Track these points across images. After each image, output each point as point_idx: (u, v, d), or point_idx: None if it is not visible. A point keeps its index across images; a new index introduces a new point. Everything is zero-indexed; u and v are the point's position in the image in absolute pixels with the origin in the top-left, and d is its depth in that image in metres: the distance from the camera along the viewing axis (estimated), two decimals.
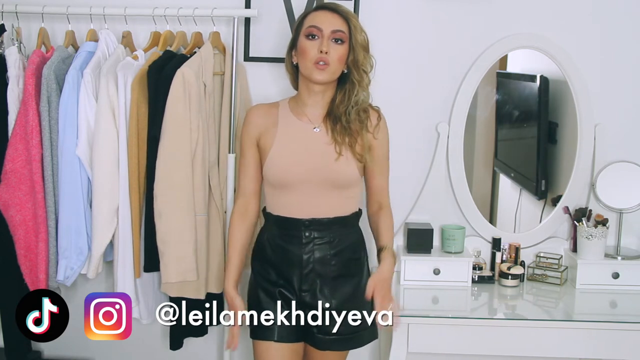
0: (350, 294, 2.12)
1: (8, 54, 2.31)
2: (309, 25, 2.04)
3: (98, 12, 2.39)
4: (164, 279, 2.26)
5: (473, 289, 2.50)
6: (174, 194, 2.24)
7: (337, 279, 2.10)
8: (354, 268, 2.15)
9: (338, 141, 2.06)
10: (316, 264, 2.08)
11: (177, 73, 2.22)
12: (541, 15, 2.54)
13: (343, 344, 2.12)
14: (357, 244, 2.18)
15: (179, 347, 2.49)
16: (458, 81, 2.57)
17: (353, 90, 2.07)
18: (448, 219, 2.62)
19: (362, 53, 2.06)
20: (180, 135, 2.24)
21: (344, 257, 2.12)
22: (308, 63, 2.02)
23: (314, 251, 2.08)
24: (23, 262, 2.31)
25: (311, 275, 2.08)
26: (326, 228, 2.07)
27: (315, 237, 2.08)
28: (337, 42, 2.02)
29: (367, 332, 2.15)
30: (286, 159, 2.06)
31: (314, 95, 2.09)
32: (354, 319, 2.10)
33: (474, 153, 2.64)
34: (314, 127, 2.09)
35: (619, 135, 2.59)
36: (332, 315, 2.08)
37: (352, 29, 2.04)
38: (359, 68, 2.06)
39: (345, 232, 2.12)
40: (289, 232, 2.08)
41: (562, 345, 2.27)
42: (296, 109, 2.12)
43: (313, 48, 2.01)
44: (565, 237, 2.65)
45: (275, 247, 2.11)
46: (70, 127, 2.27)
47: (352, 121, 2.07)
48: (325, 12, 2.06)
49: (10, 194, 2.28)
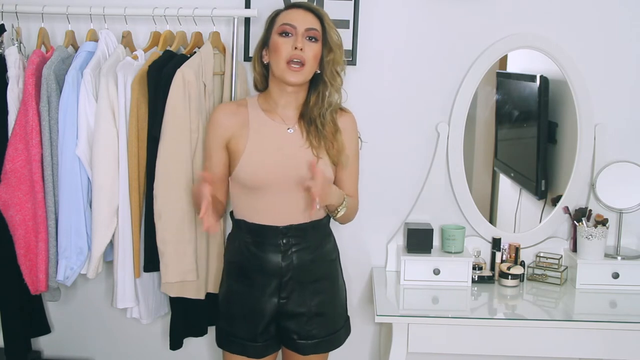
0: (328, 296, 2.12)
1: (8, 54, 2.31)
2: (282, 23, 2.00)
3: (98, 12, 2.39)
4: (164, 279, 2.26)
5: (473, 289, 2.50)
6: (174, 194, 2.24)
7: (315, 283, 2.09)
8: (329, 270, 2.15)
9: (314, 144, 2.03)
10: (295, 270, 2.06)
11: (177, 73, 2.22)
12: (541, 15, 2.54)
13: (325, 346, 2.12)
14: (332, 245, 2.18)
15: (178, 347, 2.49)
16: (458, 81, 2.57)
17: (326, 91, 2.04)
18: (448, 219, 2.62)
19: (337, 52, 2.03)
20: (180, 135, 2.24)
21: (321, 260, 2.11)
22: (281, 62, 1.97)
23: (293, 258, 2.06)
24: (23, 262, 2.31)
25: (290, 282, 2.06)
26: (303, 234, 2.04)
27: (293, 243, 2.05)
28: (312, 40, 1.99)
29: (343, 330, 2.17)
30: (260, 161, 2.02)
31: (287, 95, 2.05)
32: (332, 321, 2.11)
33: (474, 153, 2.64)
34: (288, 128, 2.05)
35: (619, 135, 2.59)
36: (312, 320, 2.08)
37: (327, 28, 2.02)
38: (333, 68, 2.03)
39: (320, 236, 2.11)
40: (265, 240, 2.05)
41: (562, 345, 2.27)
42: (267, 107, 2.08)
43: (287, 45, 1.97)
44: (565, 237, 2.65)
45: (249, 255, 2.07)
46: (70, 127, 2.26)
47: (326, 124, 2.05)
48: (298, 11, 2.02)
49: (10, 194, 2.28)
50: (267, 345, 2.10)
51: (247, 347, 2.08)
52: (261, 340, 2.08)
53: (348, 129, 2.13)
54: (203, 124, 2.31)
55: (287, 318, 2.08)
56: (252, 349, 2.08)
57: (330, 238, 2.19)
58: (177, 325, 2.47)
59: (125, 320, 2.65)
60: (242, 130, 2.05)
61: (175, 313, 2.47)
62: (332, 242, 2.19)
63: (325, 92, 2.05)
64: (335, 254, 2.20)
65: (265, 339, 2.09)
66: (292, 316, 2.07)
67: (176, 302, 2.42)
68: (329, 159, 2.06)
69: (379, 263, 2.68)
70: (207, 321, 2.56)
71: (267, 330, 2.08)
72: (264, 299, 2.06)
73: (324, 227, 2.13)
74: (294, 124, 2.07)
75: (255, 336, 2.07)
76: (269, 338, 2.10)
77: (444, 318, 2.26)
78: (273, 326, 2.09)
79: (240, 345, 2.09)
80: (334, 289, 2.16)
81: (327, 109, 2.05)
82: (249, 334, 2.07)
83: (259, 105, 2.10)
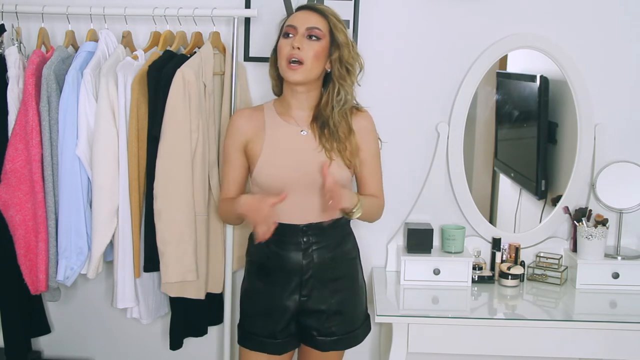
0: (348, 294, 2.13)
1: (8, 54, 2.31)
2: (286, 25, 2.04)
3: (98, 12, 2.39)
4: (164, 279, 2.26)
5: (473, 289, 2.50)
6: (174, 194, 2.24)
7: (335, 281, 2.10)
8: (349, 268, 2.16)
9: (327, 148, 2.04)
10: (315, 268, 2.07)
11: (177, 73, 2.22)
12: (541, 15, 2.54)
13: (344, 344, 2.14)
14: (352, 245, 2.19)
15: (178, 347, 2.49)
16: (458, 81, 2.57)
17: (334, 89, 2.04)
18: (448, 219, 2.62)
19: (345, 49, 2.03)
20: (180, 135, 2.24)
21: (341, 259, 2.12)
22: (282, 62, 2.01)
23: (313, 256, 2.07)
24: (23, 262, 2.31)
25: (311, 281, 2.08)
26: (323, 232, 2.06)
27: (313, 242, 2.07)
28: (312, 38, 2.00)
29: (362, 329, 2.18)
30: (277, 163, 2.04)
31: (298, 95, 2.07)
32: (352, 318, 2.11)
33: (474, 153, 2.64)
34: (301, 130, 2.07)
35: (619, 135, 2.59)
36: (332, 317, 2.09)
37: (332, 27, 2.02)
38: (343, 65, 2.03)
39: (340, 234, 2.12)
40: (285, 239, 2.06)
41: (562, 345, 2.27)
42: (282, 110, 2.10)
43: (287, 46, 2.00)
44: (565, 237, 2.65)
45: (270, 254, 2.09)
46: (70, 127, 2.26)
47: (338, 125, 2.05)
48: (302, 12, 2.06)
49: (10, 194, 2.28)
50: (286, 342, 2.11)
51: (267, 344, 2.09)
52: (281, 337, 2.09)
53: (363, 128, 2.12)
54: (203, 124, 2.31)
55: (307, 315, 2.09)
56: (271, 346, 2.09)
57: (351, 237, 2.20)
58: (177, 325, 2.47)
59: (125, 320, 2.65)
60: (258, 133, 2.08)
61: (175, 313, 2.47)
62: (352, 241, 2.20)
63: (334, 89, 2.05)
64: (355, 253, 2.21)
65: (285, 336, 2.10)
66: (313, 313, 2.08)
67: (176, 302, 2.42)
68: (343, 161, 2.06)
69: (379, 263, 2.68)
70: (207, 321, 2.56)
71: (288, 328, 2.09)
72: (285, 296, 2.07)
73: (342, 226, 2.14)
74: (307, 126, 2.08)
75: (275, 333, 2.08)
76: (289, 335, 2.11)
77: (444, 318, 2.26)
78: (293, 324, 2.10)
79: (259, 343, 2.10)
80: (354, 287, 2.16)
81: (337, 109, 2.04)
82: (269, 331, 2.09)
83: (275, 109, 2.12)
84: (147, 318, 2.48)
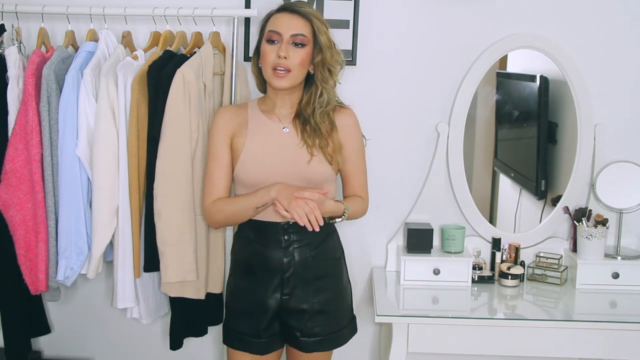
0: (332, 294, 2.12)
1: (8, 54, 2.31)
2: (269, 30, 2.03)
3: (98, 12, 2.39)
4: (164, 279, 2.26)
5: (473, 289, 2.50)
6: (174, 193, 2.23)
7: (318, 280, 2.10)
8: (333, 268, 2.15)
9: (308, 144, 2.06)
10: (297, 267, 2.07)
11: (177, 73, 2.22)
12: (541, 15, 2.55)
13: (327, 344, 2.13)
14: (335, 244, 2.19)
15: (178, 347, 2.49)
16: (458, 81, 2.57)
17: (317, 91, 2.06)
18: (448, 219, 2.62)
19: (327, 52, 2.04)
20: (180, 135, 2.23)
21: (324, 257, 2.12)
22: (268, 68, 2.02)
23: (294, 254, 2.07)
24: (23, 262, 2.31)
25: (292, 279, 2.07)
26: (304, 230, 2.00)
27: (294, 240, 2.07)
28: (298, 46, 2.01)
29: (347, 329, 2.17)
30: (258, 159, 2.05)
31: (282, 95, 2.09)
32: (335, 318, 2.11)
33: (474, 153, 2.64)
34: (283, 127, 2.09)
35: (619, 135, 2.59)
36: (314, 317, 2.08)
37: (316, 30, 2.02)
38: (325, 67, 2.04)
39: (323, 233, 2.09)
40: (267, 236, 2.07)
41: (562, 345, 2.27)
42: (265, 108, 2.13)
43: (272, 53, 2.01)
44: (565, 237, 2.65)
45: (252, 252, 2.09)
46: (70, 127, 2.26)
47: (320, 123, 2.06)
48: (285, 15, 2.03)
49: (10, 194, 2.27)
50: (270, 342, 2.11)
51: (251, 344, 2.09)
52: (265, 336, 2.09)
53: (346, 125, 2.14)
54: (203, 123, 2.31)
55: (289, 314, 2.08)
56: (256, 345, 2.09)
57: (334, 236, 2.19)
58: (177, 325, 2.47)
59: (125, 320, 2.65)
60: (241, 130, 2.10)
61: (175, 313, 2.46)
62: (335, 240, 2.20)
63: (317, 92, 2.07)
64: (339, 252, 2.20)
65: (268, 335, 2.10)
66: (295, 313, 2.08)
67: (176, 302, 2.42)
68: (324, 157, 2.07)
69: (379, 263, 2.68)
70: (207, 321, 2.56)
71: (271, 327, 2.09)
72: (266, 294, 2.07)
73: (325, 225, 2.13)
74: (289, 123, 2.09)
75: (258, 332, 2.08)
76: (273, 335, 2.11)
77: (444, 318, 2.26)
78: (277, 323, 2.10)
79: (244, 342, 2.10)
80: (338, 287, 2.16)
81: (318, 110, 2.06)
82: (253, 330, 2.09)
83: (258, 106, 2.15)
84: (147, 318, 2.48)
